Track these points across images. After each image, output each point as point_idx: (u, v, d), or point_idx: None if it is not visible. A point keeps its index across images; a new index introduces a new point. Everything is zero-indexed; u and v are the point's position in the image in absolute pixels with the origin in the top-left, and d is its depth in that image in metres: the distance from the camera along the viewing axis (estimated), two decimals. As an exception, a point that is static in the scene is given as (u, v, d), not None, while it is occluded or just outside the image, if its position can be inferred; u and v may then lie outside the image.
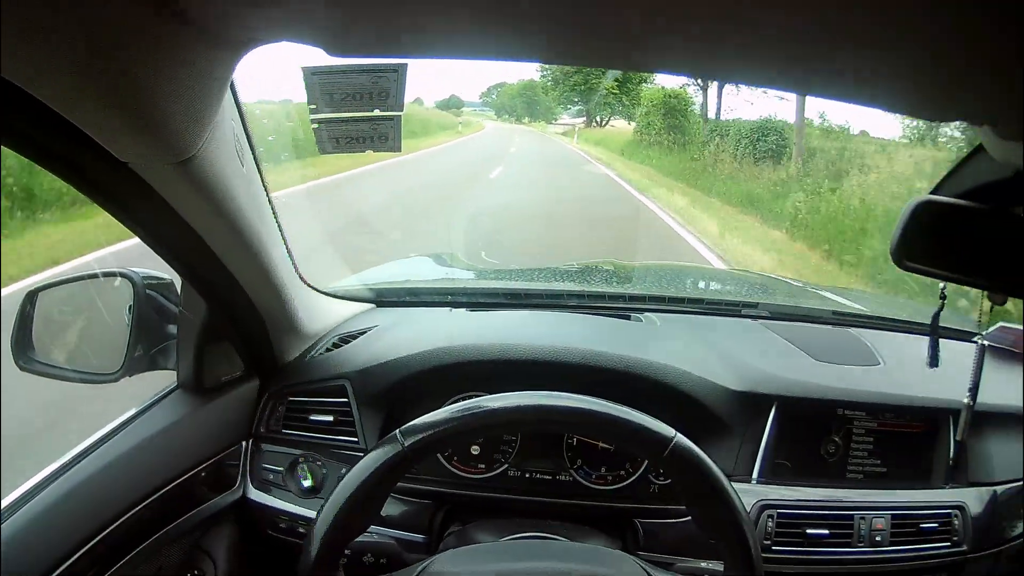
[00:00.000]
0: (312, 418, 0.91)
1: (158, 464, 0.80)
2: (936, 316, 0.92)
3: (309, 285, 0.94)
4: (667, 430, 0.63)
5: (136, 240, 0.70)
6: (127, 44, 0.44)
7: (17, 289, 2.94)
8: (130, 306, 0.87)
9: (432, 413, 0.62)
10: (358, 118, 0.70)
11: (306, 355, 0.94)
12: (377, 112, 0.70)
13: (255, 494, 0.90)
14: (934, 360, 0.92)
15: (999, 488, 1.00)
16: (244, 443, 0.91)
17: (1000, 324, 1.07)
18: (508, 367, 0.88)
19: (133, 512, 0.75)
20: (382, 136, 0.72)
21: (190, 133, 0.57)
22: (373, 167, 7.40)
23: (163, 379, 0.90)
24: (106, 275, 0.90)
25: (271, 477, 0.90)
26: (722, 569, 0.67)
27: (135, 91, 0.48)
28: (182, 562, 0.89)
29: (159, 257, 0.74)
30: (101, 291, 0.92)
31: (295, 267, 0.87)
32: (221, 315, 0.80)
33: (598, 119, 12.55)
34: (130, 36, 0.44)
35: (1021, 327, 1.09)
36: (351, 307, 1.04)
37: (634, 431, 0.63)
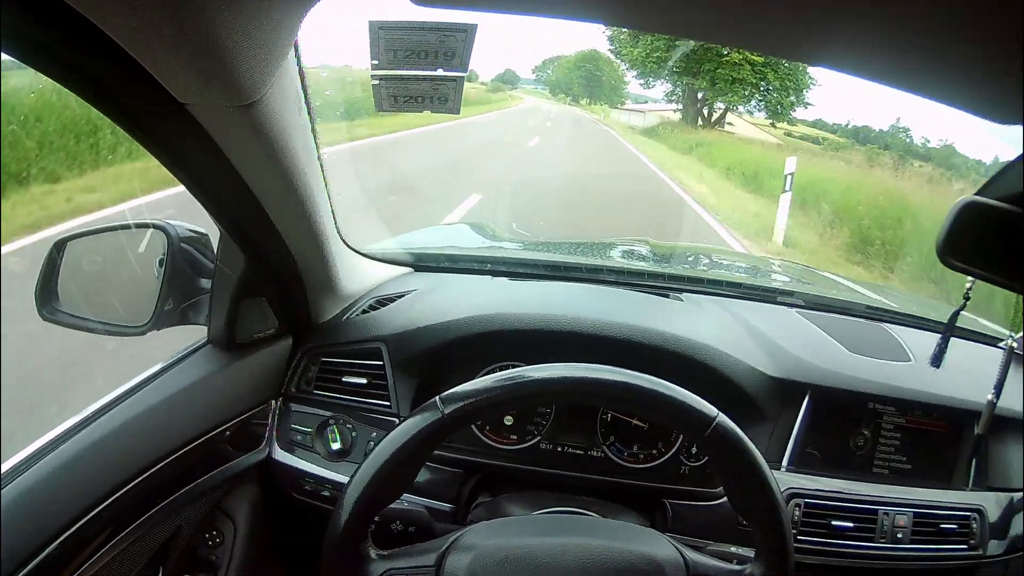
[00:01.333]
0: (345, 380, 0.90)
1: (184, 420, 0.79)
2: (954, 315, 0.94)
3: (348, 246, 0.93)
4: (710, 409, 0.63)
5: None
6: None
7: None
8: (162, 258, 0.86)
9: (473, 381, 0.62)
10: (420, 77, 0.70)
11: (342, 316, 0.93)
12: (441, 72, 0.70)
13: (281, 455, 0.89)
14: (937, 359, 0.94)
15: (1017, 495, 1.02)
16: (273, 402, 0.90)
17: None
18: (548, 338, 0.88)
19: (155, 469, 0.74)
20: (442, 97, 0.72)
21: (257, 77, 0.56)
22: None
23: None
24: (139, 226, 0.89)
25: (298, 438, 0.89)
26: (751, 555, 0.67)
27: (207, 29, 0.47)
28: (202, 521, 0.88)
29: (201, 209, 0.74)
30: (132, 242, 0.91)
31: (337, 226, 0.86)
32: (259, 270, 0.79)
33: (705, 112, 8.15)
34: None
35: None
36: (389, 270, 1.04)
37: (677, 408, 0.62)
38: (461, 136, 8.46)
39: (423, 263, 1.07)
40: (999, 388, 0.93)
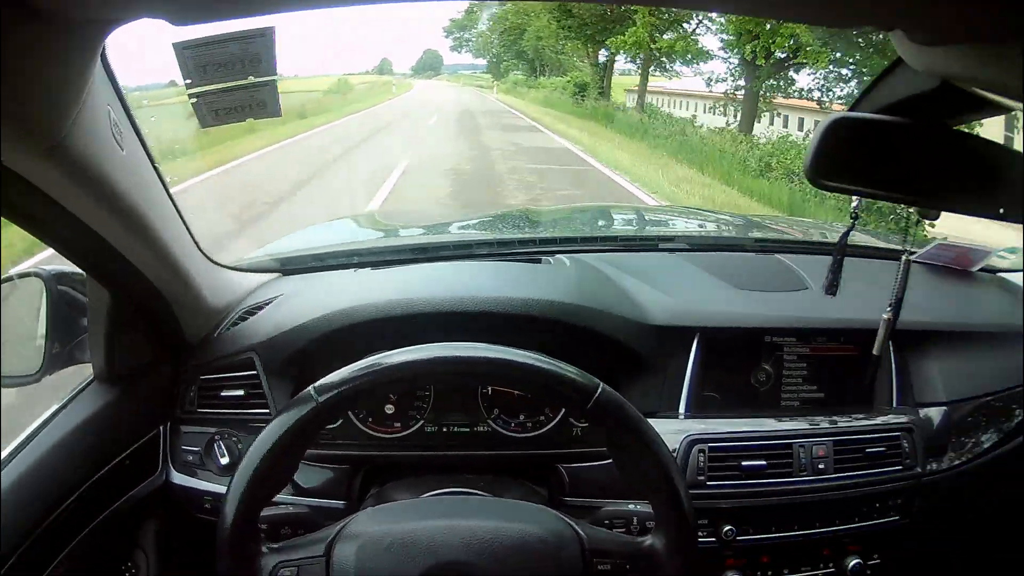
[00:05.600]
0: (223, 394, 0.93)
1: (80, 459, 0.83)
2: (844, 236, 0.94)
3: (213, 261, 0.96)
4: (590, 381, 0.63)
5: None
6: None
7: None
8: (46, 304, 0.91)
9: (345, 368, 0.64)
10: (234, 87, 0.74)
11: (214, 332, 0.97)
12: (252, 79, 0.73)
13: (178, 477, 0.93)
14: (832, 286, 0.94)
15: (949, 408, 1.03)
16: (162, 427, 0.94)
17: (937, 242, 1.09)
18: (410, 322, 0.90)
19: (59, 511, 0.78)
20: (260, 103, 0.75)
21: (50, 121, 0.58)
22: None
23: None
24: (20, 276, 0.94)
25: (191, 458, 0.92)
26: (650, 509, 0.68)
27: None
28: (115, 555, 0.92)
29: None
30: (18, 292, 0.95)
31: (196, 244, 0.90)
32: (125, 301, 0.83)
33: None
34: None
35: (961, 243, 1.11)
36: (257, 279, 1.07)
37: (556, 382, 0.63)
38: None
39: (290, 267, 1.10)
40: (897, 304, 0.93)
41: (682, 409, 0.96)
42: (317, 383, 0.63)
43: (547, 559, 0.63)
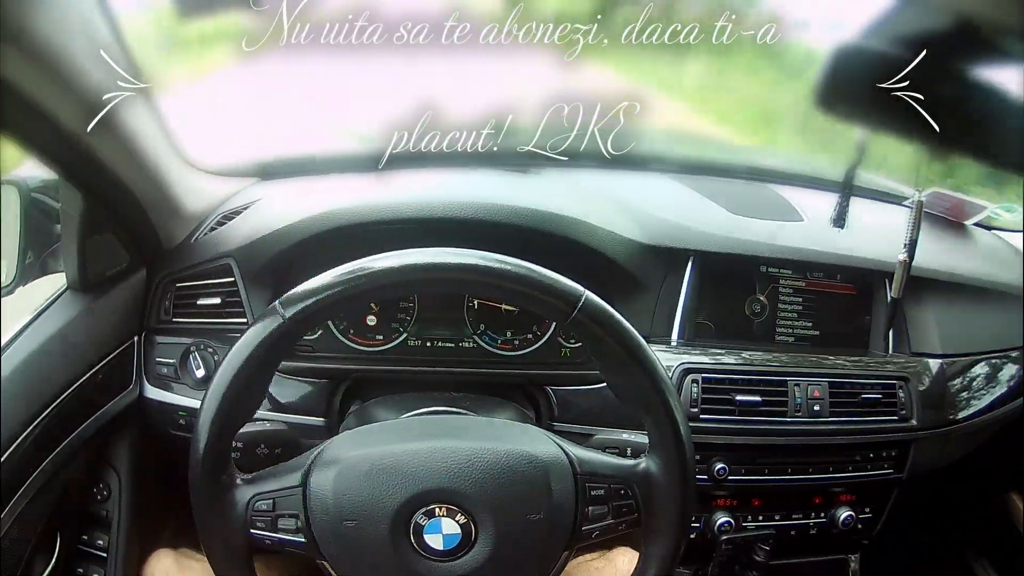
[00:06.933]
0: (200, 303, 0.90)
1: (53, 371, 0.80)
2: (851, 170, 0.92)
3: (192, 165, 0.94)
4: (575, 288, 0.59)
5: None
6: None
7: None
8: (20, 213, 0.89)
9: (313, 279, 0.60)
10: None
11: (191, 238, 0.94)
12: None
13: (152, 391, 0.90)
14: (840, 219, 0.91)
15: (946, 361, 0.99)
16: (136, 338, 0.91)
17: (934, 190, 1.07)
18: (394, 227, 0.87)
19: (32, 428, 0.75)
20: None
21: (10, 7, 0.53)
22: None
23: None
24: (-2, 186, 0.92)
25: (165, 371, 0.89)
26: (646, 440, 0.64)
27: None
28: (87, 476, 0.89)
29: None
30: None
31: (174, 147, 0.87)
32: (98, 204, 0.80)
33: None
34: None
35: (956, 194, 1.09)
36: (237, 184, 1.04)
37: (536, 288, 0.59)
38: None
39: (269, 171, 1.07)
40: (912, 246, 0.91)
41: (675, 336, 0.93)
42: (283, 296, 0.59)
43: (537, 482, 0.59)
